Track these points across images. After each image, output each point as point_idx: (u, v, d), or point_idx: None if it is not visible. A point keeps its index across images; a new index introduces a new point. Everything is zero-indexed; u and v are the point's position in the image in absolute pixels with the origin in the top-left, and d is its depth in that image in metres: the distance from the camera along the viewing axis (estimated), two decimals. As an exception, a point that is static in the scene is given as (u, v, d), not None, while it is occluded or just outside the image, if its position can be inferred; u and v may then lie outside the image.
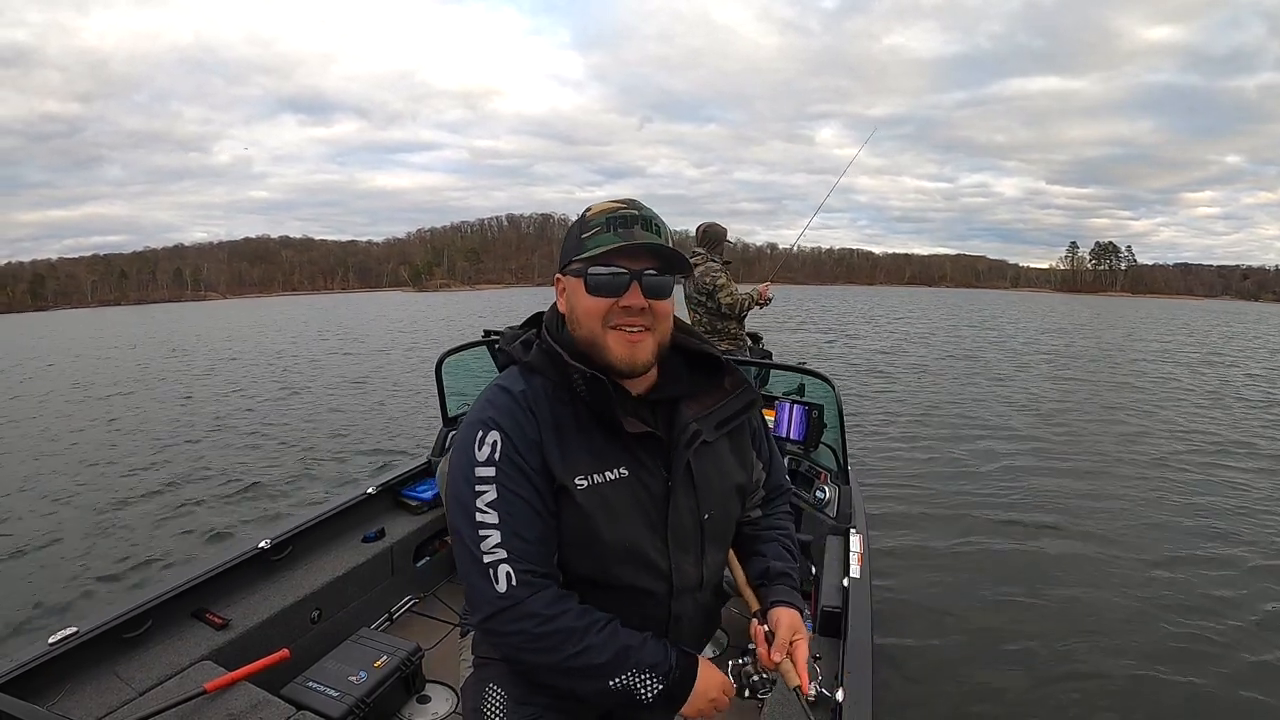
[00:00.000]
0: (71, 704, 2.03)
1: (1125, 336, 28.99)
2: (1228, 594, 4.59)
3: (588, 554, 1.25)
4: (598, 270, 1.21)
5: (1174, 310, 73.86)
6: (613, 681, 1.18)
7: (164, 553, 5.45)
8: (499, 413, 1.23)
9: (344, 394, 13.20)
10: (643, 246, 1.22)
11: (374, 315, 46.15)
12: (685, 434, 1.30)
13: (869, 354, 19.41)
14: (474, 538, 1.19)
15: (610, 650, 1.18)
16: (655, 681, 1.21)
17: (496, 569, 1.17)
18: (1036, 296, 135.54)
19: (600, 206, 1.26)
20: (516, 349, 1.32)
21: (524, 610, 1.16)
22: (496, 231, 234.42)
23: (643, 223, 1.23)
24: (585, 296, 1.24)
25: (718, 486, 1.36)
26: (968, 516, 6.01)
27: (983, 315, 44.02)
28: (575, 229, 1.27)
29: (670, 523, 1.29)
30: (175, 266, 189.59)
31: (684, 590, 1.32)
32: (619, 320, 1.23)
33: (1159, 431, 9.65)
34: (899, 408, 11.18)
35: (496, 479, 1.19)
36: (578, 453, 1.23)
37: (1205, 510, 6.13)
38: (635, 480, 1.26)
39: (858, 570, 2.58)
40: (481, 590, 1.18)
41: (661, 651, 1.23)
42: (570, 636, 1.17)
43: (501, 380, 1.31)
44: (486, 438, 1.21)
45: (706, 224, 5.12)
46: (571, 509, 1.22)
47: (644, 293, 1.22)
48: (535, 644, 1.17)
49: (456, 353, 3.94)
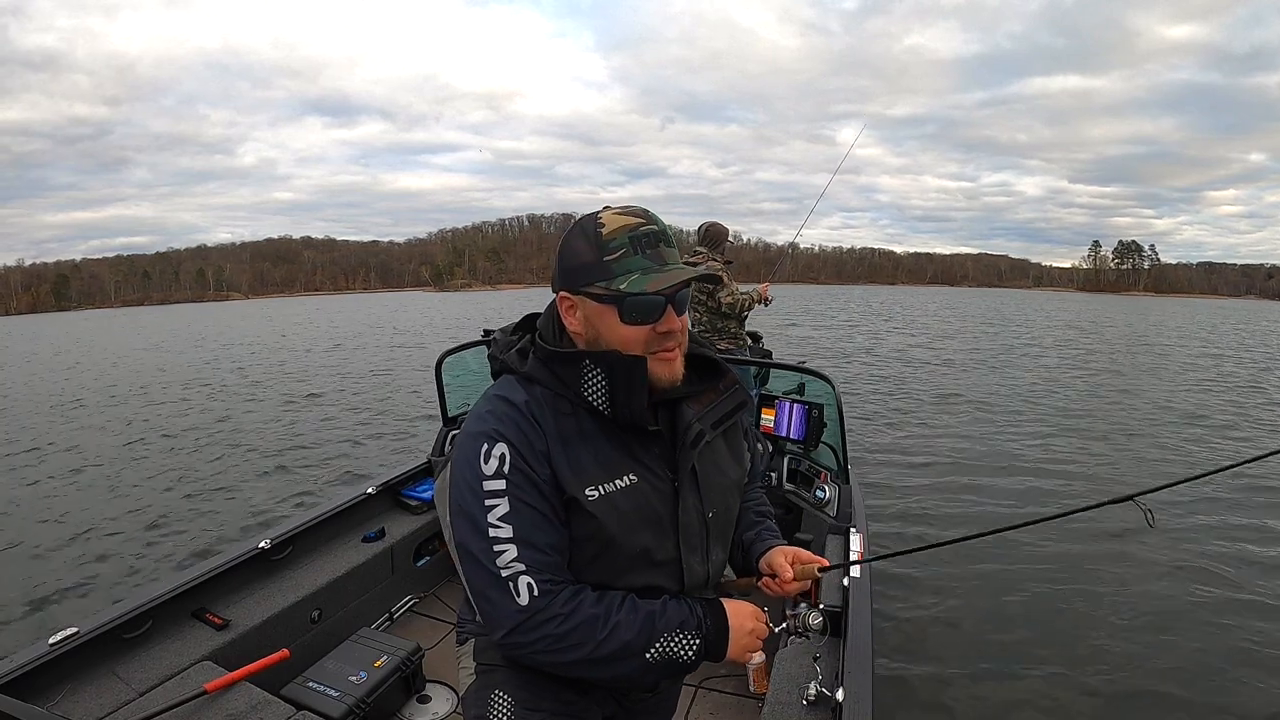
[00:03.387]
0: (72, 704, 2.05)
1: (1144, 335, 28.64)
2: (1233, 595, 4.55)
3: (599, 562, 1.23)
4: (639, 299, 1.16)
5: (1196, 309, 72.70)
6: (649, 653, 1.17)
7: (164, 553, 5.51)
8: (503, 424, 1.19)
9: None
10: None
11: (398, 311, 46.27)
12: (690, 434, 1.28)
13: (869, 354, 19.30)
14: (488, 552, 1.15)
15: (637, 623, 1.17)
16: (691, 638, 1.20)
17: (516, 581, 1.14)
18: (1058, 296, 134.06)
19: (616, 222, 1.19)
20: (512, 358, 1.28)
21: (544, 615, 1.14)
22: (518, 231, 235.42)
23: (663, 238, 1.20)
24: (621, 326, 1.18)
25: (718, 484, 1.35)
26: (969, 516, 5.98)
27: (1001, 314, 43.61)
28: (588, 245, 1.19)
29: (680, 523, 1.27)
30: (198, 267, 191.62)
31: (692, 588, 1.31)
32: (657, 344, 1.20)
33: (1168, 432, 9.52)
34: (899, 407, 11.15)
35: (508, 491, 1.16)
36: (585, 463, 1.21)
37: (1215, 513, 6.04)
38: (644, 485, 1.24)
39: (858, 570, 2.56)
40: (500, 605, 1.15)
41: (685, 608, 1.22)
42: (595, 623, 1.15)
43: (500, 390, 1.27)
44: (493, 450, 1.17)
45: (708, 223, 5.13)
46: (582, 519, 1.20)
47: (676, 312, 1.20)
48: (563, 642, 1.15)
49: (456, 352, 3.95)
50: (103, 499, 7.03)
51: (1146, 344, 24.14)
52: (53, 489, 7.49)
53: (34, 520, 6.45)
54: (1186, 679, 3.64)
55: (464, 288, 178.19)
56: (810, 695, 2.03)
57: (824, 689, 2.02)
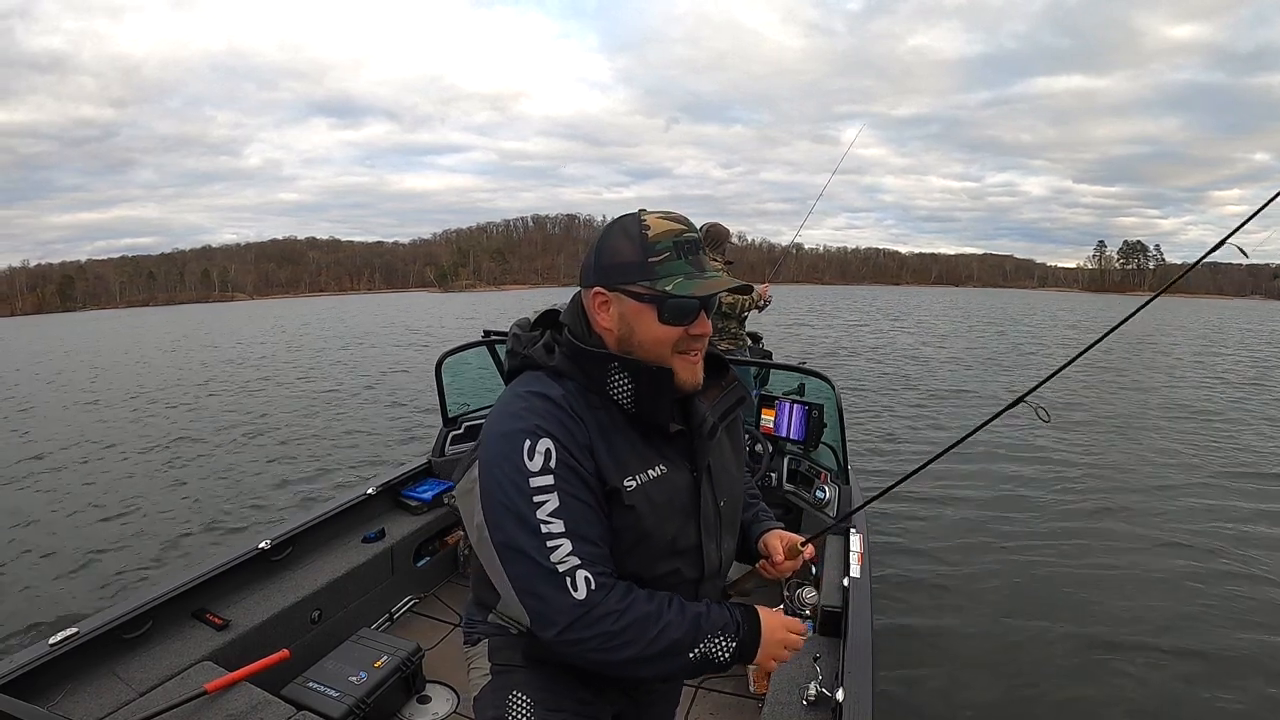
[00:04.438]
0: (72, 704, 2.06)
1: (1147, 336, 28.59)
2: (1237, 593, 4.56)
3: (636, 552, 1.25)
4: (681, 301, 1.20)
5: (1200, 309, 72.54)
6: (693, 653, 1.19)
7: (163, 553, 5.53)
8: (545, 419, 1.19)
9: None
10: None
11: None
12: (705, 426, 1.33)
13: (871, 353, 19.31)
14: (541, 549, 1.15)
15: (686, 622, 1.19)
16: (729, 640, 1.22)
17: (574, 576, 1.14)
18: (1063, 296, 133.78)
19: (661, 226, 1.22)
20: (539, 353, 1.28)
21: (601, 610, 1.14)
22: (522, 232, 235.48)
23: (702, 248, 1.26)
24: (657, 325, 1.22)
25: (726, 474, 1.40)
26: (969, 516, 5.98)
27: (1006, 314, 43.55)
28: (632, 245, 1.22)
29: (701, 512, 1.32)
30: (203, 268, 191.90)
31: (710, 575, 1.36)
32: (687, 346, 1.25)
33: (1172, 433, 9.51)
34: (900, 405, 11.17)
35: (556, 486, 1.16)
36: (623, 454, 1.23)
37: (1218, 515, 5.99)
38: (673, 475, 1.28)
39: (858, 570, 2.56)
40: (556, 601, 1.14)
41: (726, 612, 1.25)
42: (649, 621, 1.16)
43: (531, 385, 1.26)
44: (538, 446, 1.17)
45: (709, 225, 5.12)
46: (621, 510, 1.22)
47: (707, 316, 1.26)
48: (618, 639, 1.15)
49: (456, 353, 3.95)
50: (102, 499, 7.05)
51: (1152, 345, 24.09)
52: (59, 488, 7.52)
53: (32, 520, 6.47)
54: (1192, 680, 3.63)
55: (468, 288, 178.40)
56: (810, 695, 2.03)
57: (824, 689, 2.03)
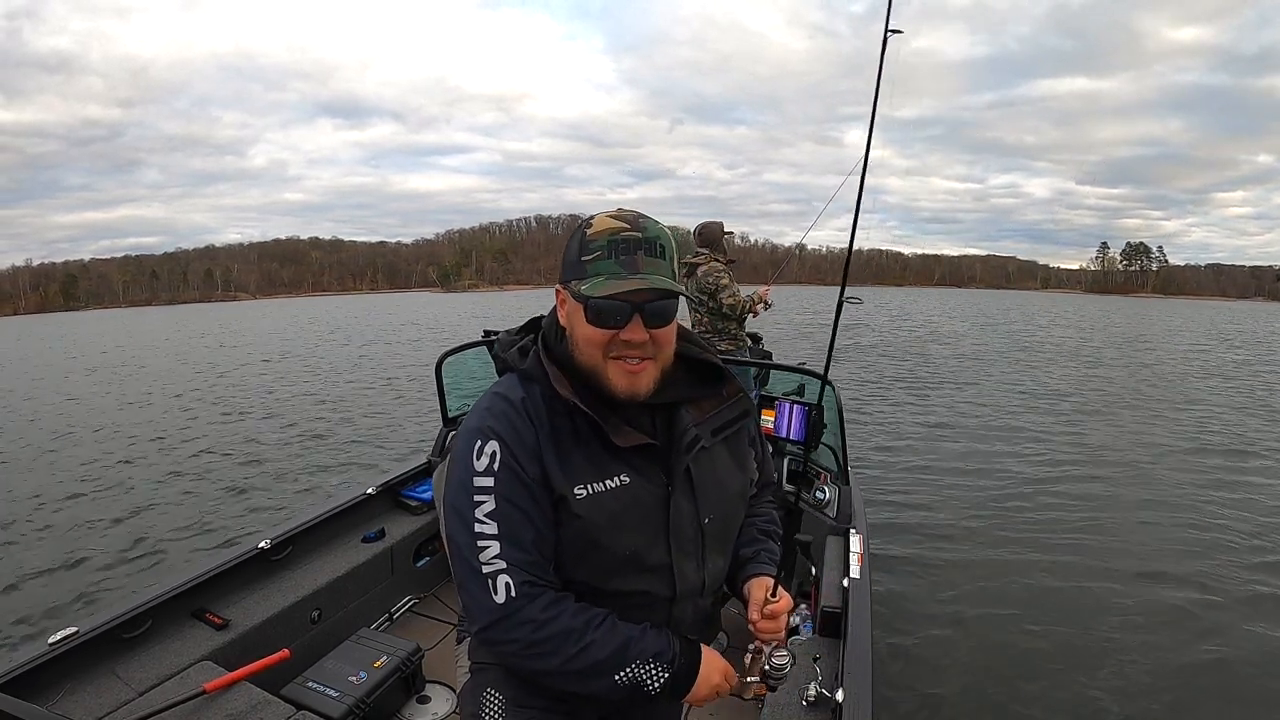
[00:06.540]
0: (71, 704, 2.05)
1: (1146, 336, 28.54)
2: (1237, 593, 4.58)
3: (587, 562, 1.23)
4: (597, 301, 1.15)
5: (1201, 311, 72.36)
6: (618, 676, 1.18)
7: (163, 553, 5.52)
8: (498, 421, 1.21)
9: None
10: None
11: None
12: (685, 439, 1.28)
13: (872, 352, 19.25)
14: (472, 548, 1.17)
15: (611, 645, 1.18)
16: (661, 670, 1.21)
17: (495, 579, 1.16)
18: (1066, 297, 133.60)
19: (602, 224, 1.18)
20: (513, 356, 1.30)
21: (520, 617, 1.15)
22: (525, 232, 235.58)
23: (645, 246, 1.17)
24: (585, 324, 1.19)
25: (717, 491, 1.34)
26: (969, 516, 5.96)
27: (1009, 315, 43.47)
28: (575, 243, 1.20)
29: (671, 527, 1.27)
30: (206, 267, 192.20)
31: (686, 595, 1.31)
32: (620, 351, 1.20)
33: (1175, 434, 9.47)
34: (901, 405, 11.15)
35: (495, 489, 1.18)
36: (577, 462, 1.22)
37: (1216, 514, 6.00)
38: (636, 486, 1.24)
39: (858, 570, 2.56)
40: (479, 600, 1.17)
41: (664, 640, 1.23)
42: (569, 637, 1.16)
43: (500, 388, 1.29)
44: (485, 447, 1.19)
45: (702, 224, 5.12)
46: (570, 519, 1.21)
47: (646, 323, 1.18)
48: (534, 649, 1.16)
49: (456, 353, 3.94)
50: (104, 498, 7.07)
51: (1149, 346, 24.06)
52: (59, 488, 7.51)
53: (33, 520, 6.47)
54: (1195, 684, 3.61)
55: (470, 288, 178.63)
56: (810, 696, 2.02)
57: (824, 690, 2.02)
